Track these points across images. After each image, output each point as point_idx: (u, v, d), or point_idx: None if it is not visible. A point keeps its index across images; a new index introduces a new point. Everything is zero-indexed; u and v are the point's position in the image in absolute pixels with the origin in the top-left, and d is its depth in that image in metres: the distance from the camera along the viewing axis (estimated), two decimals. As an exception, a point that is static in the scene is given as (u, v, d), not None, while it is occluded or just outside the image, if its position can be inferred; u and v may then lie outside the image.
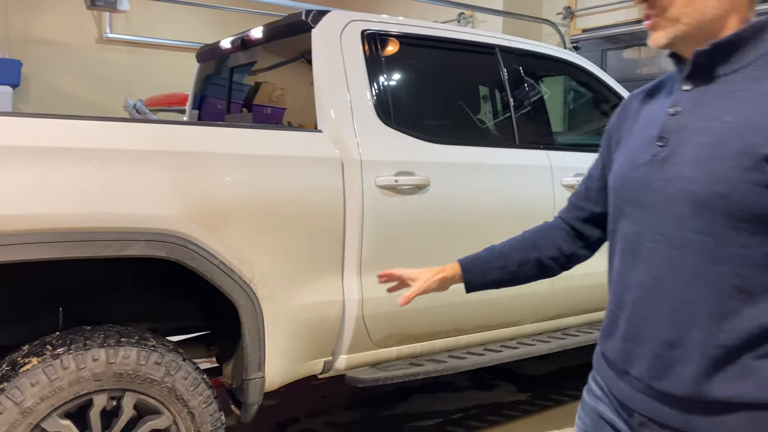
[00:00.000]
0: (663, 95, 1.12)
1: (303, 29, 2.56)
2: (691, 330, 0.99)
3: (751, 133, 0.93)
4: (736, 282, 0.96)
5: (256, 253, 2.15)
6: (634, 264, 1.08)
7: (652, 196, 1.04)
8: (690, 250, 0.99)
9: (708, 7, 1.00)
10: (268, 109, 3.21)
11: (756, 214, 0.94)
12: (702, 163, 0.97)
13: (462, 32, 2.95)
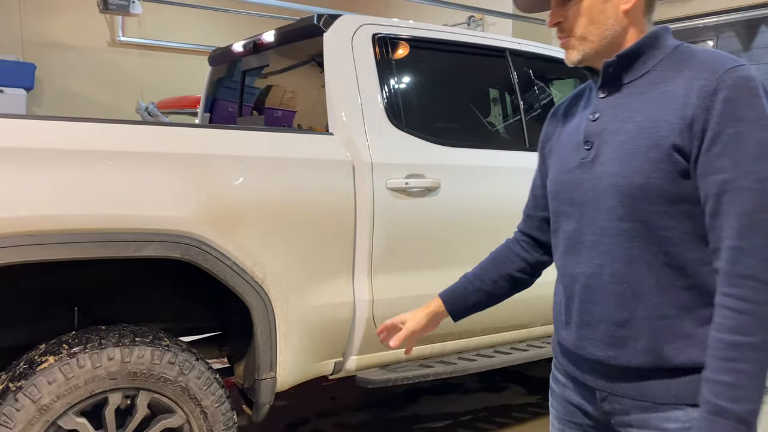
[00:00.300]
0: (583, 104, 1.28)
1: (315, 33, 2.59)
2: (637, 307, 1.13)
3: (658, 128, 1.08)
4: (666, 259, 1.10)
5: (269, 254, 2.18)
6: (577, 257, 1.20)
7: (586, 195, 1.18)
8: (624, 237, 1.12)
9: (608, 25, 1.16)
10: (278, 112, 3.24)
11: (671, 199, 1.08)
12: (621, 159, 1.12)
13: (471, 35, 2.97)
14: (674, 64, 1.13)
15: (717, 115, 1.03)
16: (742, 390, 1.01)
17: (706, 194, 1.06)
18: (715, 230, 1.06)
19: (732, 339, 1.02)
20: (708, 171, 1.05)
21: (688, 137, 1.05)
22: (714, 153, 1.03)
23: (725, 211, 1.04)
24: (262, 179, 2.17)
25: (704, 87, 1.05)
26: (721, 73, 1.05)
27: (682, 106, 1.06)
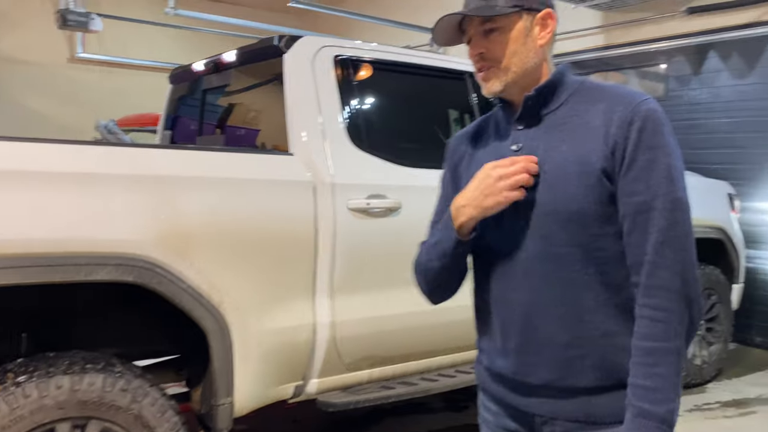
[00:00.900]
0: (493, 135, 1.31)
1: (275, 54, 2.58)
2: (580, 328, 1.16)
3: (586, 156, 1.15)
4: (603, 279, 1.16)
5: (226, 277, 2.14)
6: (511, 283, 1.21)
7: (516, 222, 1.20)
8: (562, 261, 1.16)
9: (529, 58, 1.21)
10: (241, 130, 3.22)
11: (603, 222, 1.15)
12: (555, 187, 1.16)
13: (432, 58, 3.00)
14: (585, 98, 1.22)
15: (632, 143, 1.13)
16: (662, 392, 1.09)
17: (624, 214, 1.15)
18: (632, 246, 1.14)
19: (650, 345, 1.11)
20: (626, 193, 1.14)
21: (611, 163, 1.14)
22: (630, 177, 1.13)
23: (642, 229, 1.13)
24: (220, 200, 2.14)
25: (622, 117, 1.14)
26: (634, 105, 1.15)
27: (604, 135, 1.15)
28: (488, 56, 1.20)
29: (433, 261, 1.28)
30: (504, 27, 1.19)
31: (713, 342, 3.95)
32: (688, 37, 4.96)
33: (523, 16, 1.21)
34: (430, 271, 1.30)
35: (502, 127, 1.28)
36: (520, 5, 1.20)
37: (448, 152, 1.40)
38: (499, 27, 1.19)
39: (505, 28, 1.19)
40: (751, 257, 4.63)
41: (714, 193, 4.05)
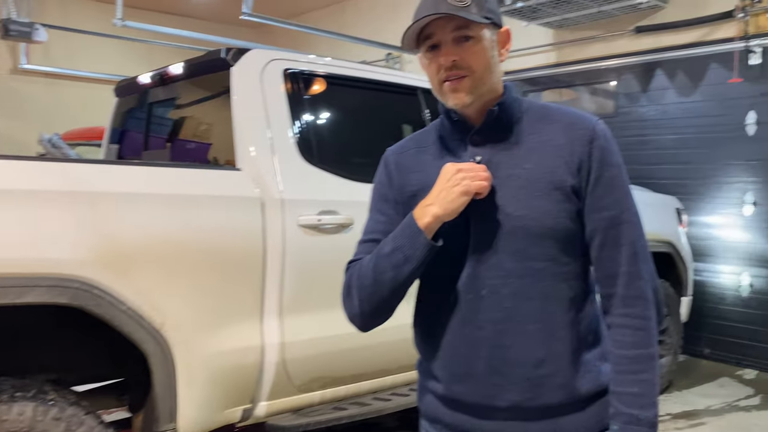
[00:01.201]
0: (441, 151, 1.25)
1: (222, 67, 2.51)
2: (553, 344, 1.16)
3: (554, 173, 1.16)
4: (570, 294, 1.17)
5: (169, 297, 2.05)
6: (477, 304, 1.17)
7: (483, 239, 1.16)
8: (537, 276, 1.15)
9: (495, 73, 1.20)
10: (192, 144, 3.13)
11: (572, 237, 1.17)
12: (525, 203, 1.15)
13: (384, 73, 2.99)
14: (536, 116, 1.23)
15: (597, 161, 1.17)
16: (648, 397, 1.13)
17: (594, 229, 1.17)
18: (605, 260, 1.18)
19: (635, 353, 1.14)
20: (595, 208, 1.17)
21: (578, 179, 1.16)
22: (599, 193, 1.17)
23: (614, 243, 1.17)
24: (162, 218, 2.05)
25: (583, 136, 1.17)
26: (593, 124, 1.19)
27: (568, 153, 1.17)
28: (463, 65, 1.15)
29: (386, 272, 1.17)
30: (477, 37, 1.16)
31: (664, 354, 4.01)
32: (636, 55, 5.09)
33: (491, 29, 1.19)
34: (378, 285, 1.18)
35: (453, 143, 1.24)
36: (490, 18, 1.17)
37: (386, 166, 1.32)
38: (473, 36, 1.16)
39: (478, 38, 1.16)
40: (699, 270, 4.74)
41: (663, 208, 4.14)
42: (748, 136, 4.50)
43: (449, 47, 1.16)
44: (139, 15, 7.57)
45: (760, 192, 4.47)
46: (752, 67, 4.45)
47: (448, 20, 1.15)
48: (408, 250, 1.15)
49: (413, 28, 1.16)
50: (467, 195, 1.13)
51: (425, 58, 1.20)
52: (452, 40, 1.16)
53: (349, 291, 1.23)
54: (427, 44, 1.18)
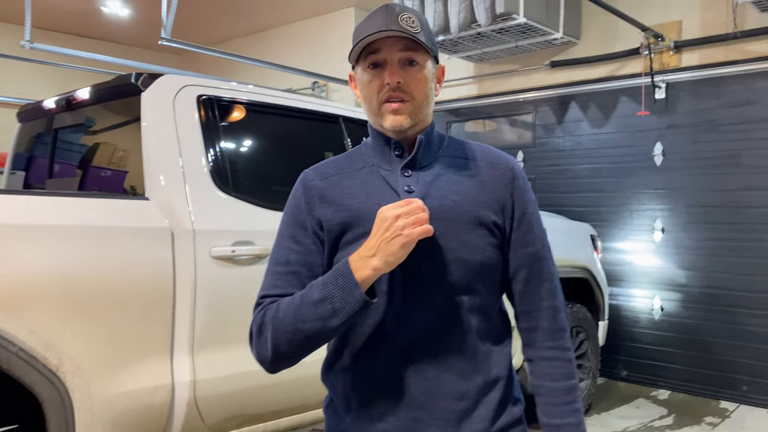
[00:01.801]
0: (371, 178, 1.20)
1: (133, 92, 2.42)
2: (476, 377, 1.16)
3: (477, 207, 1.17)
4: (490, 327, 1.19)
5: (67, 337, 1.91)
6: (406, 334, 1.14)
7: (416, 269, 1.12)
8: (464, 309, 1.15)
9: (431, 103, 1.21)
10: (107, 171, 2.98)
11: (495, 270, 1.19)
12: (455, 235, 1.14)
13: (305, 101, 2.95)
14: (455, 150, 1.25)
15: (518, 200, 1.21)
16: (581, 425, 1.19)
17: (519, 263, 1.21)
18: (529, 294, 1.21)
19: (567, 385, 1.19)
20: (521, 244, 1.21)
21: (501, 217, 1.19)
22: (523, 230, 1.21)
23: (537, 277, 1.21)
24: (60, 251, 1.92)
25: (504, 175, 1.22)
26: (512, 164, 1.24)
27: (491, 190, 1.20)
28: (405, 89, 1.14)
29: (309, 322, 1.06)
30: (422, 64, 1.16)
31: (583, 378, 4.11)
32: (551, 88, 5.30)
33: (432, 61, 1.19)
34: (297, 334, 1.07)
35: (384, 172, 1.19)
36: (433, 50, 1.18)
37: (305, 190, 1.21)
38: (419, 62, 1.15)
39: (422, 66, 1.16)
40: (614, 295, 4.92)
41: (579, 235, 4.28)
42: (656, 166, 4.75)
43: (395, 68, 1.13)
44: (53, 38, 7.27)
45: (668, 219, 4.70)
46: (658, 101, 4.72)
47: (398, 41, 1.13)
48: (339, 302, 1.05)
49: (363, 42, 1.12)
50: (410, 246, 1.05)
51: (366, 74, 1.15)
52: (399, 61, 1.14)
53: (261, 332, 1.13)
54: (371, 60, 1.14)
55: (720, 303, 4.46)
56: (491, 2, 4.50)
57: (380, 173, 1.20)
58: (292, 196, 1.25)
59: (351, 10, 6.41)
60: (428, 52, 1.15)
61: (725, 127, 4.44)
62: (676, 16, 4.67)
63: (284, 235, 1.22)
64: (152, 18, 6.71)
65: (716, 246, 4.48)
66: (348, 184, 1.20)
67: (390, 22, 1.12)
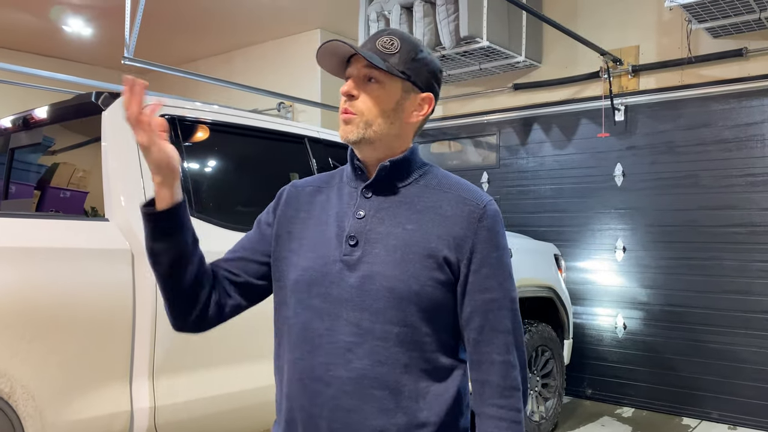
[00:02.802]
0: (335, 195, 1.24)
1: (93, 111, 2.38)
2: (396, 414, 1.10)
3: (430, 240, 1.14)
4: (424, 365, 1.12)
5: (19, 362, 1.85)
6: (329, 358, 1.11)
7: (347, 293, 1.12)
8: (393, 341, 1.10)
9: (391, 127, 1.18)
10: (66, 192, 2.91)
11: (436, 308, 1.13)
12: (397, 263, 1.12)
13: (270, 121, 2.94)
14: (433, 181, 1.22)
15: (483, 241, 1.15)
16: None
17: (473, 309, 1.15)
18: (481, 345, 1.14)
19: None
20: (477, 289, 1.14)
21: (455, 255, 1.14)
22: (483, 274, 1.14)
23: (493, 327, 1.14)
24: (13, 273, 1.86)
25: (472, 213, 1.16)
26: (485, 203, 1.18)
27: (451, 225, 1.15)
28: (356, 104, 1.16)
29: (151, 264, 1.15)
30: (383, 83, 1.16)
31: (549, 397, 4.13)
32: (515, 110, 5.40)
33: (405, 85, 1.18)
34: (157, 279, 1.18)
35: (348, 190, 1.23)
36: (408, 75, 1.18)
37: (278, 197, 1.30)
38: (379, 81, 1.16)
39: (383, 84, 1.16)
40: (578, 313, 4.98)
41: (543, 254, 4.33)
42: (617, 186, 4.85)
43: (356, 82, 1.17)
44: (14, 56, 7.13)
45: (629, 238, 4.80)
46: (618, 123, 4.84)
47: (362, 57, 1.16)
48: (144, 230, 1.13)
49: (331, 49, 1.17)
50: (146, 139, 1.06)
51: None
52: (361, 77, 1.17)
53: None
54: (346, 74, 1.20)
55: (681, 320, 4.56)
56: (455, 26, 4.58)
57: (344, 192, 1.22)
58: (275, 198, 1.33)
59: (317, 32, 6.45)
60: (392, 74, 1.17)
61: (682, 149, 4.57)
62: (633, 41, 4.82)
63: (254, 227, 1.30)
64: (115, 37, 6.64)
65: (676, 264, 4.58)
66: (315, 198, 1.26)
67: (367, 41, 1.20)
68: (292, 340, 1.16)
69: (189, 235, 1.15)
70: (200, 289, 1.18)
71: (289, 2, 5.76)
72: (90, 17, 6.37)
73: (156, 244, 1.12)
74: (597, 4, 5.01)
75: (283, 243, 1.22)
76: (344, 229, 1.17)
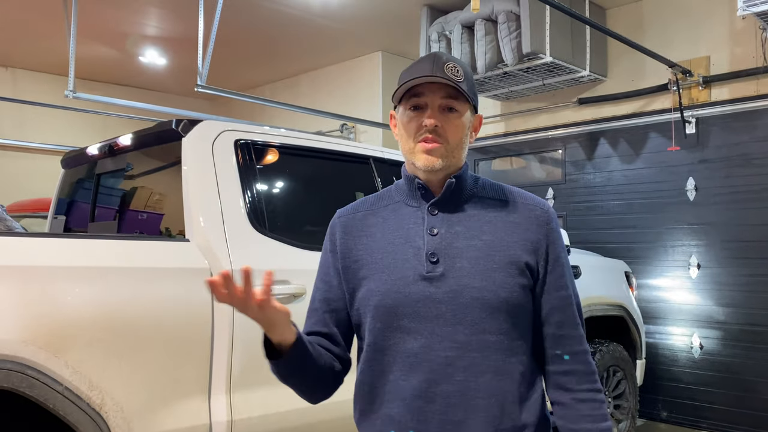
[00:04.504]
0: (392, 216, 1.26)
1: (173, 138, 2.51)
2: (503, 421, 1.14)
3: (509, 248, 1.18)
4: (522, 369, 1.18)
5: (109, 376, 1.95)
6: (430, 375, 1.14)
7: (437, 309, 1.15)
8: (491, 349, 1.14)
9: (465, 150, 1.25)
10: (143, 215, 3.07)
11: (524, 312, 1.19)
12: (482, 274, 1.16)
13: (336, 143, 3.02)
14: (489, 192, 1.27)
15: (552, 243, 1.23)
16: None
17: (552, 307, 1.21)
18: (564, 338, 1.21)
19: (605, 426, 1.18)
20: (555, 287, 1.21)
21: (534, 258, 1.20)
22: (557, 273, 1.22)
23: (571, 322, 1.22)
24: (103, 292, 1.98)
25: (539, 217, 1.23)
26: (547, 207, 1.26)
27: (524, 231, 1.21)
28: (442, 132, 1.19)
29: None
30: (461, 111, 1.21)
31: (621, 419, 4.00)
32: (580, 125, 5.32)
33: (471, 109, 1.24)
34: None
35: (407, 210, 1.25)
36: (472, 100, 1.24)
37: (332, 231, 1.33)
38: (458, 110, 1.21)
39: (461, 113, 1.21)
40: (650, 333, 4.82)
41: (613, 272, 4.23)
42: (690, 201, 4.69)
43: (435, 112, 1.20)
44: (93, 87, 7.57)
45: (703, 254, 4.62)
46: (688, 136, 4.70)
47: (440, 88, 1.19)
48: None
49: (408, 84, 1.19)
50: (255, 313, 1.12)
51: (407, 114, 1.22)
52: (438, 106, 1.20)
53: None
54: (413, 102, 1.22)
55: (761, 341, 4.33)
56: (518, 43, 4.57)
57: (405, 212, 1.25)
58: (326, 235, 1.35)
59: (378, 54, 6.56)
60: (468, 101, 1.21)
61: (758, 161, 4.39)
62: (703, 52, 4.69)
63: (317, 275, 1.34)
64: (187, 66, 6.95)
65: (755, 281, 4.38)
66: (370, 221, 1.28)
67: (436, 69, 1.19)
68: (385, 363, 1.18)
69: (311, 353, 1.19)
70: (327, 373, 1.24)
71: (351, 26, 5.90)
72: (164, 48, 6.70)
73: (287, 377, 1.21)
74: (663, 16, 4.90)
75: (354, 273, 1.25)
76: (421, 248, 1.19)
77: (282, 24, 5.85)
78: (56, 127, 7.66)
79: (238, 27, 5.86)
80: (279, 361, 1.17)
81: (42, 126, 7.58)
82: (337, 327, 1.28)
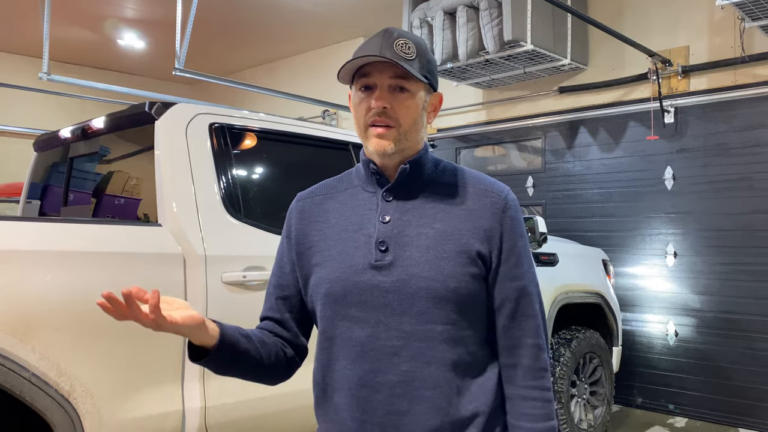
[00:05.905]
0: (349, 200, 1.22)
1: (146, 121, 2.46)
2: (449, 411, 1.11)
3: (461, 236, 1.14)
4: (469, 359, 1.15)
5: (78, 362, 1.92)
6: (375, 365, 1.12)
7: (384, 298, 1.12)
8: (437, 340, 1.11)
9: (420, 132, 1.19)
10: (120, 199, 3.02)
11: (474, 302, 1.15)
12: (431, 263, 1.12)
13: (314, 128, 2.99)
14: (448, 177, 1.22)
15: (508, 231, 1.18)
16: None
17: (504, 298, 1.17)
18: (513, 330, 1.17)
19: (546, 426, 1.14)
20: (508, 277, 1.17)
21: (487, 247, 1.16)
22: (512, 263, 1.17)
23: (524, 313, 1.17)
24: (72, 277, 1.94)
25: (495, 204, 1.18)
26: (505, 194, 1.21)
27: (478, 218, 1.17)
28: (392, 114, 1.14)
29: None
30: (412, 91, 1.15)
31: (597, 405, 4.05)
32: (560, 114, 5.33)
33: (426, 90, 1.19)
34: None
35: (364, 195, 1.21)
36: (428, 79, 1.18)
37: (289, 216, 1.29)
38: (409, 89, 1.15)
39: (412, 93, 1.15)
40: (627, 320, 4.87)
41: (591, 260, 4.26)
42: (667, 190, 4.73)
43: (384, 93, 1.14)
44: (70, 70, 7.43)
45: (680, 243, 4.67)
46: (667, 126, 4.73)
47: (389, 66, 1.13)
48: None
49: (352, 64, 1.14)
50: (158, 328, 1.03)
51: (357, 95, 1.17)
52: (388, 86, 1.14)
53: None
54: (362, 82, 1.16)
55: (736, 328, 4.40)
56: (499, 30, 4.56)
57: (361, 197, 1.21)
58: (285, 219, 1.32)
59: (360, 39, 6.52)
60: (421, 80, 1.15)
61: (736, 151, 4.43)
62: (682, 42, 4.71)
63: (275, 259, 1.32)
64: (166, 49, 6.85)
65: (731, 270, 4.43)
66: (327, 207, 1.24)
67: (384, 48, 1.13)
68: (334, 351, 1.17)
69: (242, 347, 1.14)
70: (273, 360, 1.20)
71: (332, 12, 5.84)
72: (143, 31, 6.59)
73: (223, 372, 1.16)
74: (644, 5, 4.91)
75: (307, 259, 1.22)
76: (371, 236, 1.16)
77: (263, 8, 5.77)
78: (32, 110, 7.52)
79: (218, 10, 5.78)
80: (203, 362, 1.12)
81: (17, 109, 7.44)
82: (289, 313, 1.26)
